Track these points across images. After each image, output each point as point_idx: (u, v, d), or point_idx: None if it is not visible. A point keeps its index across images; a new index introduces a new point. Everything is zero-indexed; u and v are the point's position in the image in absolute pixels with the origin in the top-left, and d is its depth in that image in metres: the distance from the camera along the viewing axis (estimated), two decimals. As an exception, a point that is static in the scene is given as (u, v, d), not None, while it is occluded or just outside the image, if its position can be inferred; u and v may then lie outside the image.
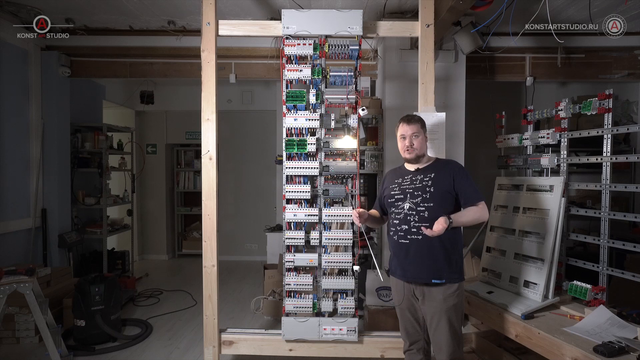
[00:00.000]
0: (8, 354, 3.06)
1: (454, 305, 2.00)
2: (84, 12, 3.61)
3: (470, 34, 3.39)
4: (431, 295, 2.01)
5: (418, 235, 2.00)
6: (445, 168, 2.10)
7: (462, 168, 2.13)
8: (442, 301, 1.98)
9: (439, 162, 2.17)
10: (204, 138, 2.66)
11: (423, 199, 2.02)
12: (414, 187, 2.08)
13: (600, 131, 2.39)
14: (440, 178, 2.05)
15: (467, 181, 2.05)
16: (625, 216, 2.29)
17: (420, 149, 2.12)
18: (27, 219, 3.87)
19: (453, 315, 1.99)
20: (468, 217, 1.98)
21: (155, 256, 6.30)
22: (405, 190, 2.10)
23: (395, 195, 2.13)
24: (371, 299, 3.28)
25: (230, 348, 2.70)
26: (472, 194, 2.03)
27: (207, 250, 2.66)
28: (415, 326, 2.15)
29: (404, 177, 2.16)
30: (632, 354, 1.76)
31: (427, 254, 2.00)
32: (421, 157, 2.15)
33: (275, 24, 2.65)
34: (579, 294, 2.31)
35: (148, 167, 6.15)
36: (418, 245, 2.01)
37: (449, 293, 1.99)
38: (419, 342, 2.17)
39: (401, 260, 2.08)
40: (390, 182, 2.22)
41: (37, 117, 3.98)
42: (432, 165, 2.14)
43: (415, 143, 2.10)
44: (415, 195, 2.05)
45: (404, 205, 2.07)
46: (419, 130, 2.12)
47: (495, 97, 4.74)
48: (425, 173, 2.10)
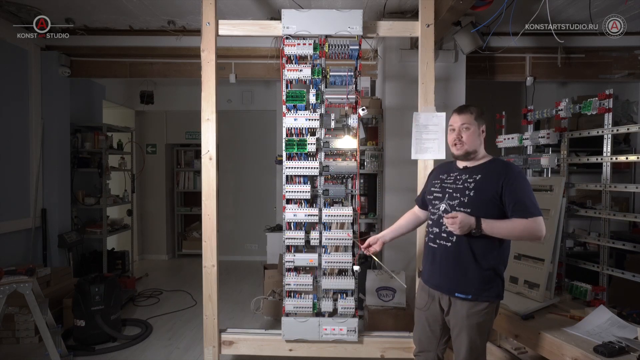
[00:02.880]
0: (8, 354, 3.05)
1: (477, 324, 1.77)
2: (84, 12, 3.61)
3: (470, 34, 3.39)
4: (456, 309, 1.81)
5: (447, 242, 1.81)
6: (497, 171, 1.79)
7: (519, 173, 1.78)
8: (465, 317, 1.78)
9: (492, 163, 1.86)
10: (204, 138, 2.66)
11: (460, 202, 1.79)
12: (454, 187, 1.85)
13: (600, 131, 2.39)
14: (486, 181, 1.78)
15: (520, 189, 1.72)
16: (625, 216, 2.30)
17: (470, 144, 1.83)
18: (27, 219, 3.87)
19: (475, 333, 1.78)
20: (507, 227, 1.69)
21: (155, 256, 6.29)
22: (445, 189, 1.88)
23: (435, 193, 1.93)
24: (371, 299, 3.28)
25: (230, 348, 2.70)
26: (522, 204, 1.69)
27: (207, 250, 2.66)
28: (430, 337, 1.95)
29: (450, 174, 1.93)
30: (632, 354, 1.75)
31: (454, 264, 1.79)
32: (472, 153, 1.86)
33: (275, 24, 2.65)
34: (579, 294, 2.31)
35: (148, 167, 6.15)
36: (446, 253, 1.82)
37: (475, 311, 1.77)
38: (428, 352, 1.97)
39: (427, 265, 1.92)
40: (435, 178, 2.00)
41: (37, 117, 3.98)
42: (482, 165, 1.86)
43: (464, 136, 1.83)
44: (453, 196, 1.83)
45: (440, 205, 1.86)
46: (470, 122, 1.84)
47: (495, 97, 4.74)
48: (472, 173, 1.84)
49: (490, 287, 1.77)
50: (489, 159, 1.90)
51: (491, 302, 1.79)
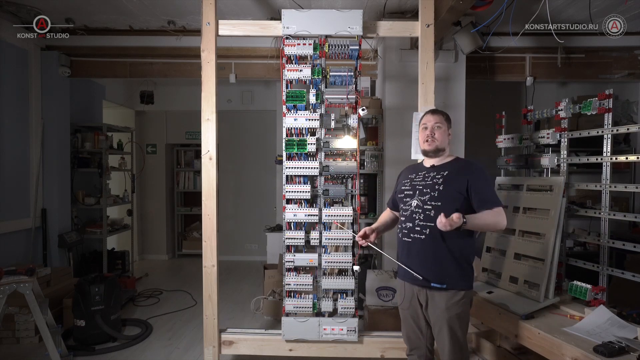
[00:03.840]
0: (8, 354, 3.05)
1: (457, 315, 1.89)
2: (84, 12, 3.61)
3: (470, 34, 3.40)
4: (434, 302, 1.92)
5: (421, 235, 1.92)
6: (462, 167, 1.98)
7: (482, 170, 1.97)
8: (445, 310, 1.88)
9: (457, 162, 2.05)
10: (204, 138, 2.66)
11: (431, 197, 1.92)
12: (424, 184, 1.99)
13: (600, 131, 2.39)
14: (453, 177, 1.94)
15: (484, 183, 1.91)
16: (625, 216, 2.30)
17: (441, 141, 2.00)
18: (27, 219, 3.87)
19: (456, 324, 1.89)
20: (483, 220, 1.86)
21: (155, 256, 6.29)
22: (415, 187, 2.02)
23: (405, 191, 2.06)
24: (371, 299, 3.28)
25: (230, 348, 2.70)
26: (488, 197, 1.89)
27: (207, 250, 2.66)
28: (417, 332, 2.04)
29: (418, 173, 2.07)
30: (632, 354, 1.76)
31: (430, 256, 1.91)
32: (441, 151, 2.03)
33: (275, 24, 2.65)
34: (579, 294, 2.31)
35: (148, 167, 6.15)
36: (421, 245, 1.93)
37: (453, 301, 1.88)
38: (419, 349, 2.06)
39: (403, 259, 2.01)
40: (404, 178, 2.14)
41: (37, 117, 3.98)
42: (448, 163, 2.03)
43: (436, 134, 2.00)
44: (424, 192, 1.96)
45: (412, 202, 1.99)
46: (442, 122, 2.02)
47: (495, 97, 4.74)
48: (439, 171, 1.99)
49: (464, 276, 1.92)
50: (453, 158, 2.08)
51: (466, 291, 1.93)
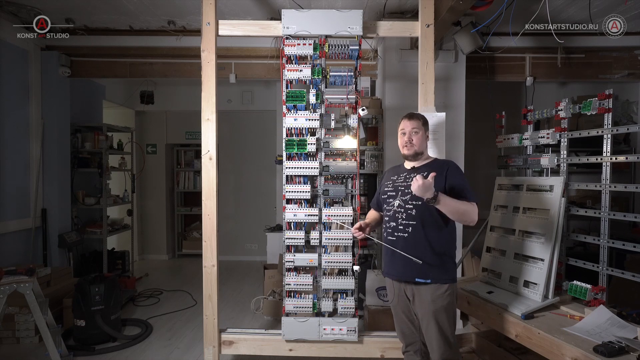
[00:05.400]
0: (8, 354, 3.06)
1: (443, 307, 1.97)
2: (84, 12, 3.61)
3: (470, 34, 3.39)
4: (420, 296, 2.00)
5: (404, 233, 2.02)
6: (440, 166, 2.07)
7: (458, 168, 2.09)
8: (431, 302, 1.96)
9: (435, 162, 2.14)
10: (204, 138, 2.66)
11: (412, 197, 1.98)
12: (405, 184, 2.07)
13: (600, 131, 2.39)
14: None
15: (460, 179, 2.02)
16: (625, 216, 2.29)
17: (419, 146, 2.09)
18: (27, 219, 3.87)
19: (443, 317, 1.97)
20: (455, 204, 1.90)
21: (155, 256, 6.30)
22: (397, 188, 2.10)
23: (388, 192, 2.14)
24: (371, 299, 3.28)
25: (230, 348, 2.70)
26: (465, 192, 1.97)
27: (207, 250, 2.66)
28: (410, 327, 2.13)
29: (399, 175, 2.16)
30: (632, 354, 1.76)
31: (412, 252, 1.97)
32: (420, 155, 2.12)
33: (275, 24, 2.65)
34: (579, 294, 2.31)
35: (148, 167, 6.15)
36: (404, 242, 2.01)
37: (438, 294, 1.96)
38: (414, 343, 2.14)
39: (388, 258, 2.10)
40: (387, 179, 2.23)
41: (37, 117, 3.98)
42: (427, 165, 2.12)
43: (414, 139, 2.08)
44: (405, 192, 2.05)
45: (394, 202, 2.08)
46: (419, 127, 2.10)
47: (495, 97, 4.74)
48: (419, 171, 2.06)
49: (446, 270, 2.01)
50: (431, 159, 2.18)
51: (450, 284, 2.00)
